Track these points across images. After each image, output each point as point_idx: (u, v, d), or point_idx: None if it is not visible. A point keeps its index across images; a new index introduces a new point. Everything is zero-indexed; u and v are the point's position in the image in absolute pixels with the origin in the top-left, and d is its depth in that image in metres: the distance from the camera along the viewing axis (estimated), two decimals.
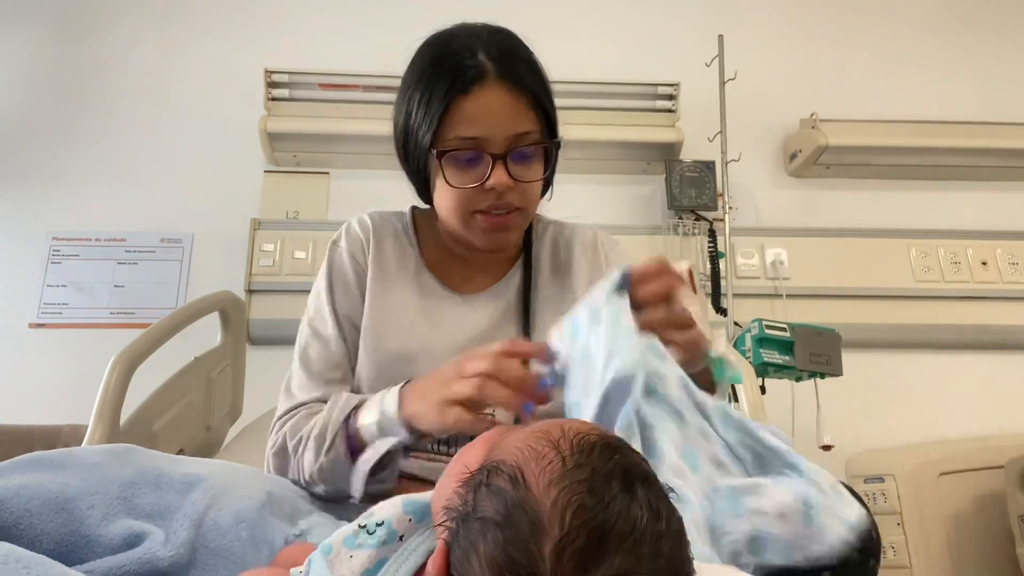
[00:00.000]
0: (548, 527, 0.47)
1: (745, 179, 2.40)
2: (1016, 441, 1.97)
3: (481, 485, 0.51)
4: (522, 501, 0.48)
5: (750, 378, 1.33)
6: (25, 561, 0.51)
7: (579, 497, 0.48)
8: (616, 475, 0.50)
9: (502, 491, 0.49)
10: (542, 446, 0.51)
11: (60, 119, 2.42)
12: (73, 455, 0.68)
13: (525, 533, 0.47)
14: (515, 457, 0.51)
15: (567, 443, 0.51)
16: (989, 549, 1.90)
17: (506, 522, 0.48)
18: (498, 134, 0.91)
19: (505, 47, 0.94)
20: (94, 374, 1.26)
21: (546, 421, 0.56)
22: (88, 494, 0.64)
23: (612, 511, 0.48)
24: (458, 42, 0.94)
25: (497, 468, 0.51)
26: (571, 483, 0.48)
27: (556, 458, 0.50)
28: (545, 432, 0.53)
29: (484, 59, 0.91)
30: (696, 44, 2.34)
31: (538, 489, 0.48)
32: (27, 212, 2.33)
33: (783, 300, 2.24)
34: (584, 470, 0.49)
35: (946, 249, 2.35)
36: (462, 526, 0.50)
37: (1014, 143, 2.41)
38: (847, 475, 2.08)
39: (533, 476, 0.49)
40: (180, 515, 0.67)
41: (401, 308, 1.02)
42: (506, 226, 0.98)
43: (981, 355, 2.31)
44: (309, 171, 2.38)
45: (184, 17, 2.53)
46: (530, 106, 0.93)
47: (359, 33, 2.47)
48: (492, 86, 0.91)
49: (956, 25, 2.68)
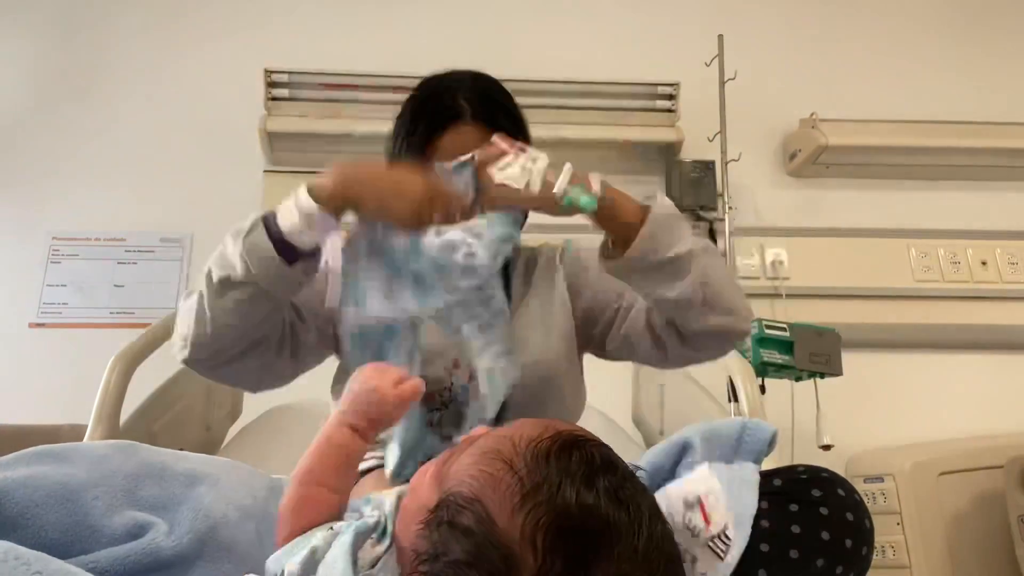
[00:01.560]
0: (523, 558, 0.45)
1: (745, 179, 2.40)
2: (1016, 441, 1.97)
3: (443, 524, 0.49)
4: (489, 536, 0.46)
5: (750, 378, 1.33)
6: (25, 558, 0.51)
7: (547, 518, 0.46)
8: (578, 477, 0.48)
9: (466, 529, 0.47)
10: (496, 468, 0.49)
11: (60, 119, 2.42)
12: (77, 449, 0.69)
13: (501, 570, 0.45)
14: (471, 487, 0.49)
15: (520, 459, 0.50)
16: (989, 549, 1.90)
17: (478, 561, 0.46)
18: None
19: (483, 91, 1.03)
20: (94, 374, 1.26)
21: (493, 436, 0.54)
22: (92, 485, 0.64)
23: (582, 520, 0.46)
24: (441, 85, 1.04)
25: (456, 503, 0.49)
26: (535, 504, 0.47)
27: (513, 480, 0.48)
28: (496, 452, 0.51)
29: (462, 101, 1.00)
30: (696, 44, 2.34)
31: (503, 519, 0.47)
32: (27, 212, 2.33)
33: (783, 300, 2.24)
34: (544, 487, 0.47)
35: (946, 249, 2.35)
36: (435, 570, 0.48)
37: (1014, 143, 2.41)
38: (847, 475, 2.07)
39: (495, 506, 0.47)
40: (185, 508, 0.67)
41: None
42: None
43: (981, 355, 2.31)
44: (309, 171, 2.37)
45: (184, 17, 2.53)
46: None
47: (359, 33, 2.47)
48: (467, 125, 0.99)
49: (956, 25, 2.68)
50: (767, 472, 0.72)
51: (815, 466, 0.74)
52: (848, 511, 0.69)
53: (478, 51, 1.07)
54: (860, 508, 0.70)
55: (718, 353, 1.05)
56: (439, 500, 0.51)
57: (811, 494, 0.69)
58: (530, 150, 0.91)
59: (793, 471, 0.73)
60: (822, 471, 0.73)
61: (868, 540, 0.69)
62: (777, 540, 0.66)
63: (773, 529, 0.66)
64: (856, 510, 0.69)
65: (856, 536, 0.68)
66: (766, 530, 0.66)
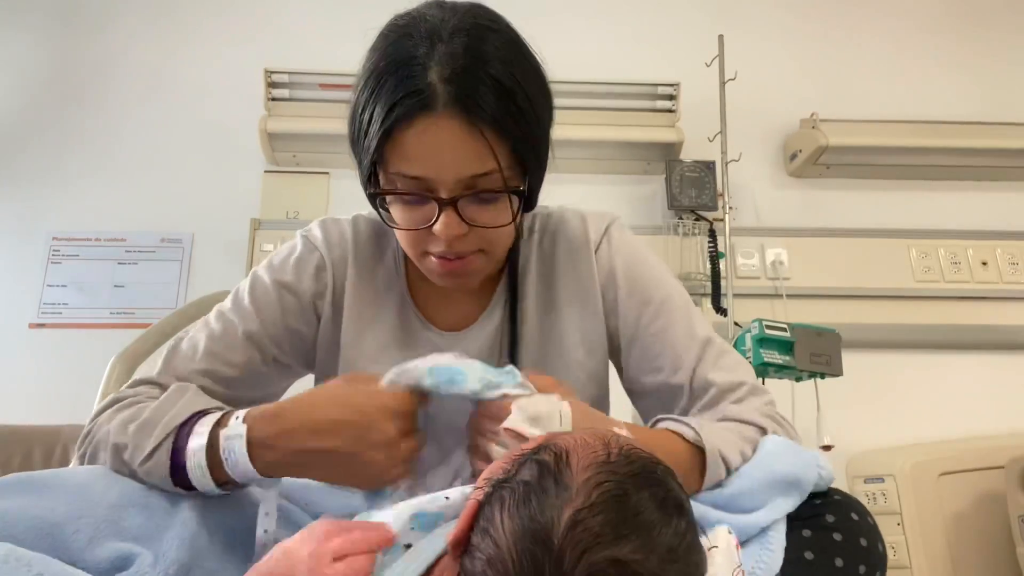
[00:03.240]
0: (574, 496, 0.49)
1: (745, 179, 2.40)
2: (1016, 441, 1.97)
3: (528, 459, 0.54)
4: (559, 471, 0.51)
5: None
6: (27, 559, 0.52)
7: (610, 484, 0.50)
8: (650, 487, 0.52)
9: (544, 463, 0.52)
10: (594, 441, 0.55)
11: (60, 119, 2.42)
12: (58, 476, 0.67)
13: (552, 498, 0.50)
14: (567, 443, 0.55)
15: (617, 447, 0.54)
16: (989, 549, 1.90)
17: (539, 485, 0.51)
18: (447, 176, 0.73)
19: (466, 60, 0.72)
20: (94, 374, 1.26)
21: (605, 431, 0.59)
22: (74, 518, 0.63)
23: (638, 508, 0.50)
24: (413, 45, 0.74)
25: (547, 447, 0.54)
26: (607, 471, 0.51)
27: (603, 452, 0.53)
28: (600, 434, 0.56)
29: (435, 79, 0.71)
30: (696, 44, 2.34)
31: (577, 467, 0.52)
32: (27, 212, 2.33)
33: (783, 300, 2.24)
34: (623, 468, 0.52)
35: (946, 249, 2.35)
36: (498, 489, 0.53)
37: (1014, 143, 2.41)
38: (847, 475, 2.08)
39: (576, 458, 0.52)
40: (170, 535, 0.66)
41: (377, 356, 0.89)
42: (464, 271, 0.81)
43: (981, 355, 2.31)
44: (309, 171, 2.38)
45: (184, 17, 2.53)
46: (495, 141, 0.73)
47: (359, 33, 2.45)
48: (441, 117, 0.71)
49: (956, 25, 2.68)
50: None
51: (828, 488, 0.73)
52: (862, 536, 0.68)
53: None
54: (873, 532, 0.69)
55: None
56: (528, 444, 0.57)
57: (825, 519, 0.69)
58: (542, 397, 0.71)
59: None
60: (835, 493, 0.72)
61: (881, 565, 0.68)
62: (790, 567, 0.65)
63: (787, 556, 0.65)
64: (869, 535, 0.68)
65: (869, 562, 0.67)
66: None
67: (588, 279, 0.91)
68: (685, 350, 0.86)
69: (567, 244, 0.93)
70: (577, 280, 0.91)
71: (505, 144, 0.74)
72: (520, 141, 0.76)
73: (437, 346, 0.89)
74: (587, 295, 0.91)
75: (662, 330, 0.88)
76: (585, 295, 0.91)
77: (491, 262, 0.84)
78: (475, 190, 0.75)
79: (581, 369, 0.90)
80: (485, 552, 0.50)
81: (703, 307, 2.27)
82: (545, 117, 0.82)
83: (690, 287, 2.28)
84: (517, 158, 0.76)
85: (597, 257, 0.91)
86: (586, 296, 0.91)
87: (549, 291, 0.91)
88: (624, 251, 0.92)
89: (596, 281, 0.91)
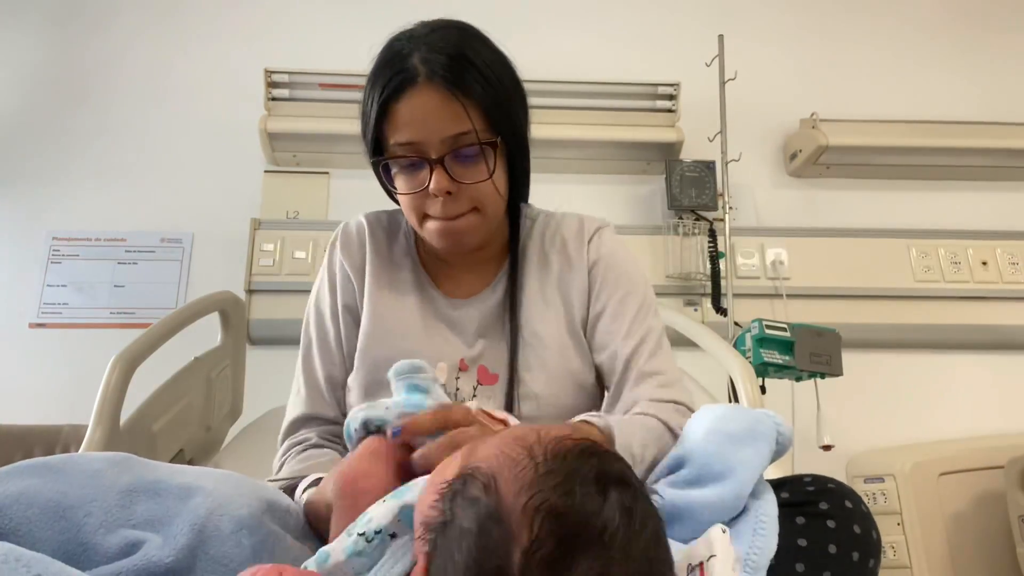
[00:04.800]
0: (517, 534, 0.47)
1: (745, 179, 2.40)
2: (1016, 441, 1.97)
3: (457, 495, 0.51)
4: (494, 509, 0.49)
5: (750, 378, 1.33)
6: (26, 560, 0.51)
7: (549, 503, 0.48)
8: (589, 479, 0.50)
9: (476, 500, 0.50)
10: (516, 452, 0.52)
11: (60, 119, 2.42)
12: (72, 461, 0.68)
13: (496, 541, 0.47)
14: (490, 464, 0.52)
15: (541, 448, 0.52)
16: (989, 549, 1.90)
17: (479, 530, 0.48)
18: (433, 137, 0.90)
19: (441, 46, 0.91)
20: (94, 374, 1.26)
21: (523, 426, 0.57)
22: (86, 502, 0.63)
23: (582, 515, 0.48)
24: (397, 44, 0.93)
25: (472, 476, 0.52)
26: (542, 489, 0.49)
27: (529, 464, 0.51)
28: (521, 438, 0.54)
29: (416, 62, 0.90)
30: (696, 44, 2.34)
31: (509, 496, 0.49)
32: (27, 212, 2.33)
33: (783, 300, 2.24)
34: (556, 475, 0.49)
35: (946, 249, 2.35)
36: (440, 536, 0.51)
37: (1014, 143, 2.41)
38: (847, 475, 2.08)
39: (505, 483, 0.50)
40: (180, 521, 0.66)
41: (397, 313, 1.02)
42: (459, 229, 0.95)
43: (981, 355, 2.31)
44: (309, 171, 2.39)
45: (184, 17, 2.53)
46: (468, 105, 0.90)
47: (359, 33, 2.45)
48: (423, 88, 0.89)
49: (956, 25, 2.68)
50: (773, 482, 0.72)
51: (821, 476, 0.74)
52: (855, 523, 0.68)
53: None
54: (867, 520, 0.69)
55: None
56: (458, 473, 0.54)
57: (818, 507, 0.69)
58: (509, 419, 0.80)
59: (800, 482, 0.73)
60: (829, 481, 0.73)
61: (875, 552, 0.69)
62: (784, 554, 0.65)
63: (780, 543, 0.65)
64: (863, 522, 0.69)
65: (863, 549, 0.67)
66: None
67: (579, 261, 1.05)
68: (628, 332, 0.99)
69: (564, 234, 1.07)
70: (569, 262, 1.05)
71: (476, 107, 0.90)
72: (491, 106, 0.92)
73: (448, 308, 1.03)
74: (576, 275, 1.04)
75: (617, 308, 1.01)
76: (574, 274, 1.04)
77: (485, 222, 0.97)
78: (457, 147, 0.90)
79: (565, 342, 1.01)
80: None
81: (703, 307, 2.27)
82: (514, 95, 0.97)
83: (690, 287, 2.29)
84: (489, 122, 0.92)
85: (588, 246, 1.06)
86: (575, 275, 1.04)
87: (545, 270, 1.05)
88: (611, 246, 1.07)
89: (585, 264, 1.05)
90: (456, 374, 0.97)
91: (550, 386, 0.97)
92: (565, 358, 0.99)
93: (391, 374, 0.81)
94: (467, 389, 0.97)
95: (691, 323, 1.54)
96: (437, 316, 1.02)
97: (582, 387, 1.00)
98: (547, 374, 0.97)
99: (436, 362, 0.97)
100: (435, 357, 0.97)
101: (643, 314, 1.02)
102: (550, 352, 0.98)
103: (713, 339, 1.43)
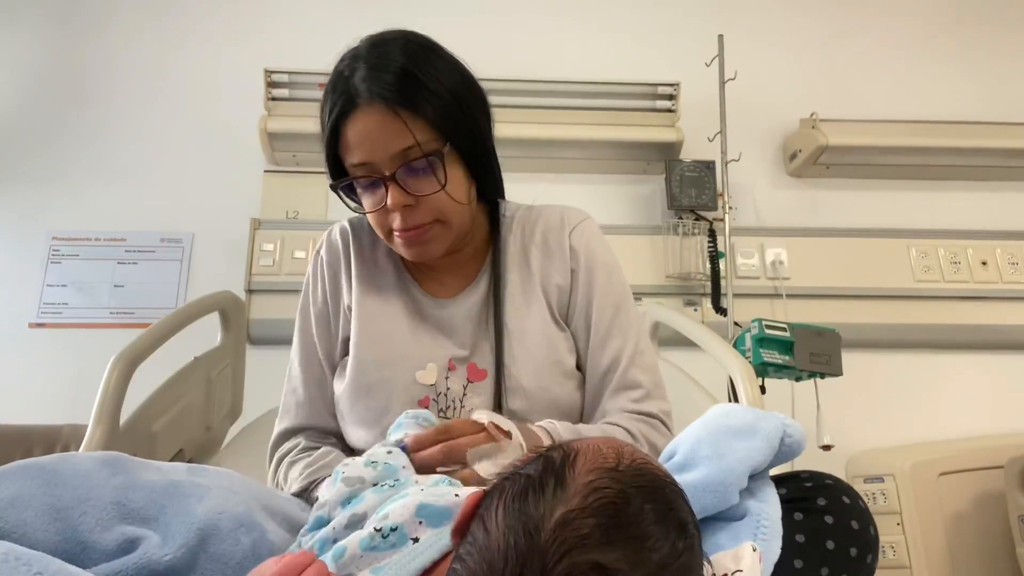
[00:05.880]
0: (570, 496, 0.49)
1: (745, 179, 2.41)
2: (1016, 441, 1.97)
3: (540, 456, 0.54)
4: (562, 470, 0.51)
5: (750, 378, 1.33)
6: (26, 558, 0.51)
7: (611, 491, 0.49)
8: (652, 501, 0.51)
9: (550, 460, 0.52)
10: (607, 448, 0.54)
11: (60, 119, 2.42)
12: (64, 461, 0.68)
13: (549, 493, 0.49)
14: (579, 445, 0.54)
15: (628, 457, 0.53)
16: (989, 549, 1.90)
17: (539, 480, 0.51)
18: (382, 155, 0.90)
19: (381, 63, 0.91)
20: (94, 374, 1.26)
21: (618, 439, 0.58)
22: (80, 502, 0.63)
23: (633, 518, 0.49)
24: (342, 65, 0.94)
25: (559, 446, 0.54)
26: (610, 478, 0.51)
27: (612, 458, 0.53)
28: (616, 443, 0.56)
29: (357, 82, 0.90)
30: (696, 44, 2.34)
31: (581, 470, 0.51)
32: (27, 212, 2.33)
33: (783, 300, 2.24)
34: (629, 477, 0.51)
35: (946, 249, 2.35)
36: (503, 481, 0.53)
37: (1014, 143, 2.41)
38: (847, 475, 2.08)
39: (583, 460, 0.52)
40: (178, 519, 0.66)
41: (385, 317, 1.03)
42: (423, 240, 0.96)
43: (981, 355, 2.31)
44: (309, 171, 2.39)
45: (184, 17, 2.53)
46: (409, 120, 0.89)
47: (359, 33, 2.45)
48: (364, 109, 0.90)
49: (956, 25, 2.68)
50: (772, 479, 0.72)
51: (819, 472, 0.74)
52: (853, 519, 0.68)
53: (478, 51, 1.05)
54: (865, 515, 0.69)
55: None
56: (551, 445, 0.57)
57: (816, 503, 0.69)
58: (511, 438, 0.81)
59: (798, 478, 0.73)
60: (827, 478, 0.73)
61: (872, 548, 0.69)
62: (782, 550, 0.65)
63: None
64: (861, 518, 0.69)
65: (860, 545, 0.68)
66: None
67: (559, 254, 1.05)
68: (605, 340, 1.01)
69: (545, 227, 1.07)
70: (550, 254, 1.05)
71: (419, 121, 0.90)
72: (436, 117, 0.91)
73: (433, 308, 1.03)
74: (556, 266, 1.04)
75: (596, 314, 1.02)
76: (554, 266, 1.04)
77: (449, 231, 0.97)
78: (406, 161, 0.90)
79: (549, 333, 1.02)
80: (477, 540, 0.50)
81: (703, 307, 2.27)
82: (465, 100, 0.95)
83: (690, 287, 2.29)
84: (436, 132, 0.91)
85: (570, 238, 1.06)
86: (555, 267, 1.04)
87: (526, 264, 1.05)
88: (592, 239, 1.07)
89: (567, 257, 1.05)
90: (446, 374, 0.98)
91: (538, 379, 0.97)
92: (551, 348, 1.00)
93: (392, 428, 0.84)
94: (457, 388, 0.97)
95: (691, 323, 1.54)
96: (423, 317, 1.03)
97: (569, 376, 1.01)
98: (534, 366, 0.98)
99: (425, 363, 0.98)
100: (424, 358, 0.98)
101: (623, 320, 1.02)
102: (535, 345, 0.99)
103: (713, 339, 1.43)
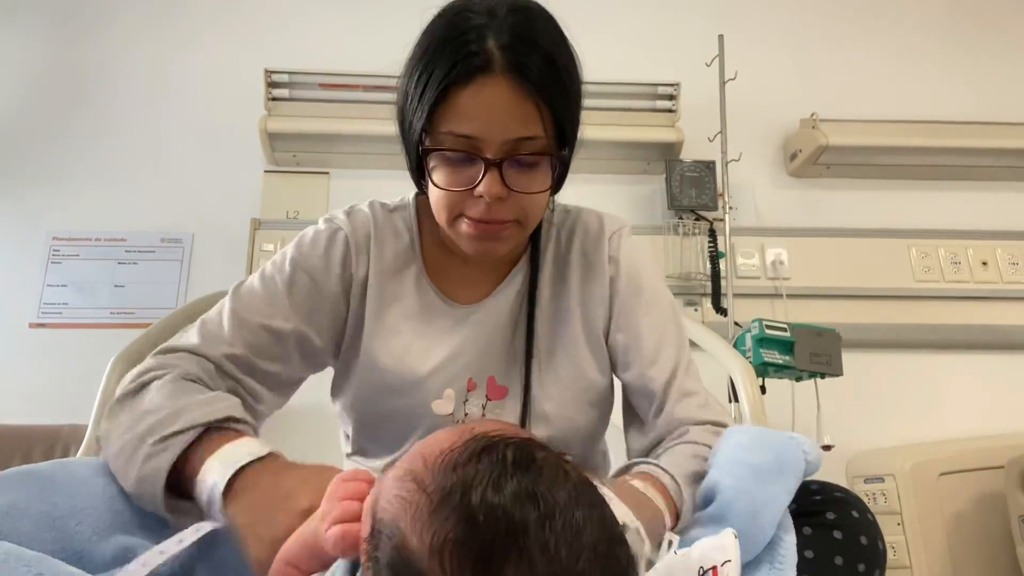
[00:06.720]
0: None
1: (745, 179, 2.40)
2: (1016, 441, 1.97)
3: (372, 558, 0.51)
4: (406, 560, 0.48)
5: (750, 378, 1.33)
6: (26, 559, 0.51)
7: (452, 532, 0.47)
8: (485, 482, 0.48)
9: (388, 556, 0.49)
10: (408, 490, 0.51)
11: (60, 119, 2.42)
12: (63, 469, 0.67)
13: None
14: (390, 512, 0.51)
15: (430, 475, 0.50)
16: (989, 549, 1.90)
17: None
18: (495, 136, 0.78)
19: (522, 32, 0.79)
20: (94, 374, 1.26)
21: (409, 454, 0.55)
22: (76, 511, 0.63)
23: (488, 526, 0.47)
24: (470, 18, 0.80)
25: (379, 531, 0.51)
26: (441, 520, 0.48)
27: (422, 499, 0.49)
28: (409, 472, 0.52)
29: (492, 46, 0.77)
30: (696, 44, 2.34)
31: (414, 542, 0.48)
32: (27, 212, 2.33)
33: (783, 300, 2.24)
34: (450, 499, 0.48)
35: (946, 249, 2.35)
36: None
37: (1014, 143, 2.41)
38: (847, 475, 2.08)
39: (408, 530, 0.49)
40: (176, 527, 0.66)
41: (397, 328, 0.94)
42: (496, 235, 0.85)
43: (981, 355, 2.31)
44: (309, 171, 2.38)
45: (184, 17, 2.53)
46: (540, 108, 0.79)
47: (359, 33, 2.46)
48: (496, 79, 0.77)
49: (956, 25, 2.68)
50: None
51: (828, 484, 0.73)
52: (862, 534, 0.68)
53: None
54: (873, 529, 0.69)
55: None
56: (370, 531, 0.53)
57: (825, 516, 0.69)
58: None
59: (806, 490, 0.71)
60: (836, 489, 0.72)
61: (881, 563, 0.68)
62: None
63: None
64: (869, 532, 0.68)
65: (869, 560, 0.67)
66: None
67: (599, 264, 0.97)
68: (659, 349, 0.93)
69: (584, 233, 0.99)
70: (588, 264, 0.97)
71: (549, 113, 0.80)
72: (562, 114, 0.81)
73: (454, 317, 0.94)
74: (596, 278, 0.97)
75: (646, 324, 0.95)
76: (594, 277, 0.97)
77: (522, 234, 0.88)
78: (519, 153, 0.79)
79: (579, 356, 0.95)
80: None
81: (703, 307, 2.27)
82: (579, 102, 0.87)
83: (690, 287, 2.29)
84: (558, 130, 0.81)
85: (609, 246, 0.98)
86: (595, 282, 0.97)
87: (562, 271, 0.97)
88: (632, 250, 0.99)
89: (605, 267, 0.97)
90: (464, 397, 0.92)
91: (562, 407, 0.92)
92: (580, 370, 0.94)
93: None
94: (475, 412, 0.92)
95: (691, 323, 1.54)
96: (441, 329, 0.94)
97: (593, 404, 0.96)
98: (559, 389, 0.93)
99: (442, 391, 0.92)
100: (440, 385, 0.92)
101: (673, 331, 0.96)
102: (564, 367, 0.94)
103: (713, 339, 1.43)
